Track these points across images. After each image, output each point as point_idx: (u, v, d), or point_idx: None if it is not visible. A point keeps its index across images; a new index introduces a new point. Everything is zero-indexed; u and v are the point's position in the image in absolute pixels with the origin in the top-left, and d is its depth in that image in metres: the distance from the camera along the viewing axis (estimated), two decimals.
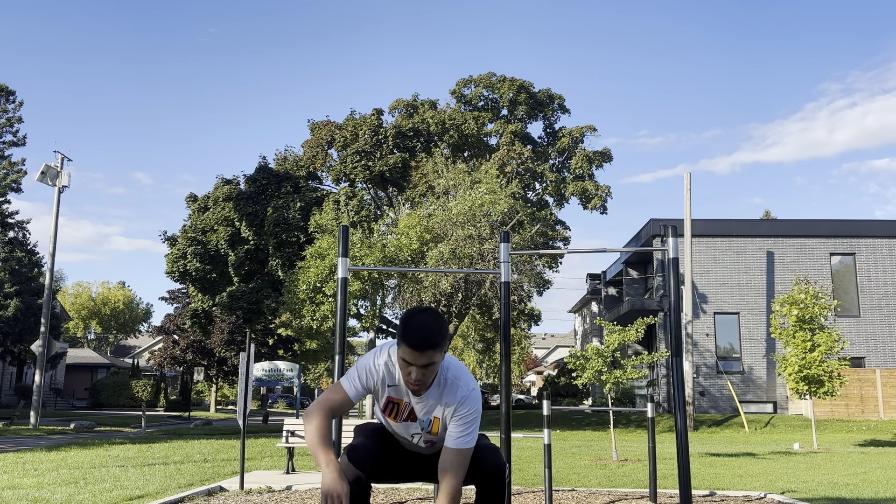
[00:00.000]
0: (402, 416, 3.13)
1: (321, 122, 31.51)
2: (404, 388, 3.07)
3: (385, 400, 3.12)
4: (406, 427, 3.17)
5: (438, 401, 3.07)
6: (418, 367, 2.89)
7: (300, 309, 23.22)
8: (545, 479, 6.41)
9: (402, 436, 3.24)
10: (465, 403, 3.03)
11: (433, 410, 3.08)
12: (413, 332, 2.85)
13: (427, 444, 3.22)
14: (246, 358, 8.41)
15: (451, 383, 3.06)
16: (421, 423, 3.12)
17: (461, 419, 3.02)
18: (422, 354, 2.85)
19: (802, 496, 7.58)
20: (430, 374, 2.94)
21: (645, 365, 18.06)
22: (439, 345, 2.87)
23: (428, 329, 2.85)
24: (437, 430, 3.11)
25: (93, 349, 68.87)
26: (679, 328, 4.99)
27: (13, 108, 35.80)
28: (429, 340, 2.84)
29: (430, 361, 2.89)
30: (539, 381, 63.65)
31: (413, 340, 2.84)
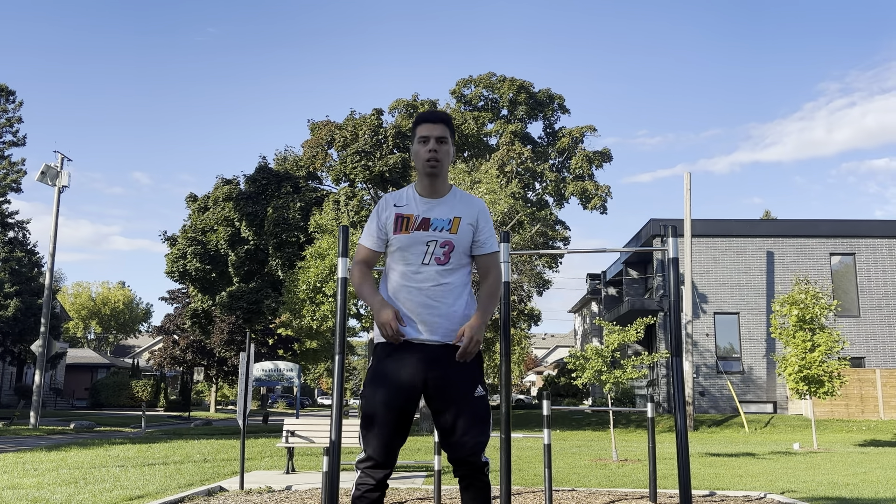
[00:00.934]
0: (413, 226, 3.17)
1: (321, 122, 31.52)
2: (414, 202, 3.21)
3: (394, 217, 3.21)
4: (417, 237, 3.14)
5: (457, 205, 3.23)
6: (435, 140, 3.13)
7: (300, 309, 23.23)
8: (545, 479, 6.41)
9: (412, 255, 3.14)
10: (485, 210, 3.29)
11: (453, 211, 3.21)
12: (427, 112, 3.22)
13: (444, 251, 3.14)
14: (246, 358, 8.41)
15: (467, 195, 3.31)
16: (437, 223, 3.18)
17: (486, 222, 3.25)
18: (436, 125, 3.15)
19: (802, 496, 7.58)
20: (444, 155, 3.16)
21: (645, 365, 18.07)
22: (449, 120, 3.20)
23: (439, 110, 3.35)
24: (456, 229, 3.18)
25: (93, 349, 68.86)
26: (679, 328, 4.98)
27: (13, 108, 35.82)
28: (441, 114, 3.20)
29: (444, 135, 3.15)
30: (539, 381, 63.64)
31: (428, 115, 3.19)
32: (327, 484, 4.90)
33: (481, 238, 3.22)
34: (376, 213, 3.26)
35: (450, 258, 3.16)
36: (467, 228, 3.18)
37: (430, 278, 3.13)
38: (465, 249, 3.20)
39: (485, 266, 3.23)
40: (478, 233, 3.22)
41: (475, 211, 3.23)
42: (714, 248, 29.45)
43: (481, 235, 3.22)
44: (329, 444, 4.81)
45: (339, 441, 4.72)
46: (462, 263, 3.20)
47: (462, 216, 3.19)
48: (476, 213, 3.22)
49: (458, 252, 3.17)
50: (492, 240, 3.25)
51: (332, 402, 4.68)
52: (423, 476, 9.27)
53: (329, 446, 4.80)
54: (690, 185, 25.94)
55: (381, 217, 3.24)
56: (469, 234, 3.19)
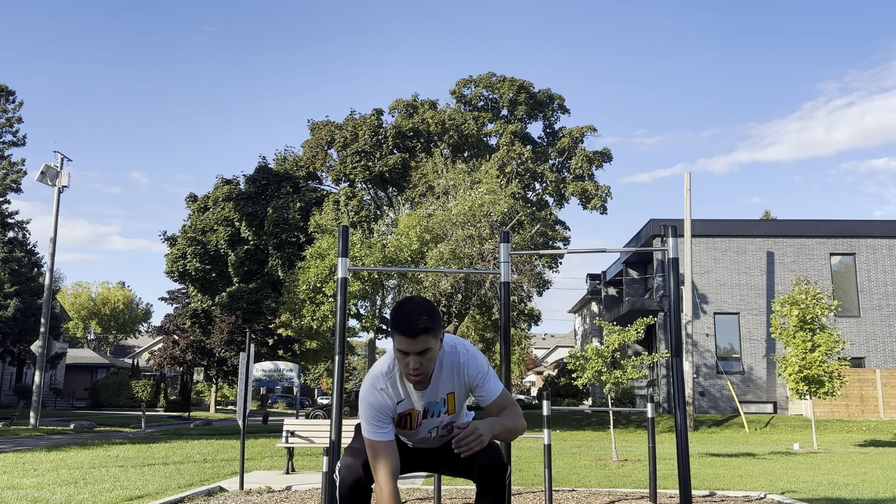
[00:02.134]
0: (418, 422, 3.11)
1: (321, 123, 31.51)
2: (410, 395, 3.05)
3: (397, 417, 3.08)
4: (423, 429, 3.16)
5: (447, 379, 3.06)
6: (415, 356, 2.86)
7: (300, 309, 23.24)
8: (545, 479, 6.40)
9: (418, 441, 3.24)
10: (470, 365, 3.05)
11: (444, 390, 3.07)
12: (403, 320, 2.83)
13: (445, 432, 3.19)
14: (246, 358, 8.40)
15: (448, 357, 3.05)
16: (433, 409, 3.08)
17: (477, 379, 3.06)
18: (415, 340, 2.83)
19: (802, 496, 7.58)
20: (428, 363, 2.91)
21: (645, 365, 18.05)
22: (432, 328, 2.84)
23: (418, 315, 2.83)
24: (453, 409, 3.10)
25: (92, 349, 68.85)
26: (679, 328, 4.98)
27: (13, 108, 35.80)
28: (419, 325, 2.81)
29: (426, 347, 2.86)
30: (539, 381, 63.65)
31: (405, 328, 2.82)
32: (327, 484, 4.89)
33: (481, 394, 3.09)
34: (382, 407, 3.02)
35: (453, 429, 3.21)
36: (461, 396, 3.14)
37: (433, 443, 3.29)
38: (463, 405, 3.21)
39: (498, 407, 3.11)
40: (476, 391, 3.10)
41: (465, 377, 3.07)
42: (714, 248, 29.45)
43: (480, 392, 3.09)
44: (329, 444, 4.81)
45: (339, 441, 4.71)
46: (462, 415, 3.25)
47: (455, 390, 3.10)
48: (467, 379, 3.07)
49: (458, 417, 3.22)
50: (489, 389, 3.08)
51: (332, 402, 4.67)
52: (423, 476, 9.27)
53: (329, 446, 4.80)
54: (690, 186, 25.94)
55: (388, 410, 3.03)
56: (465, 397, 3.17)
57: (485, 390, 3.06)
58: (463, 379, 3.06)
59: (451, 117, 30.58)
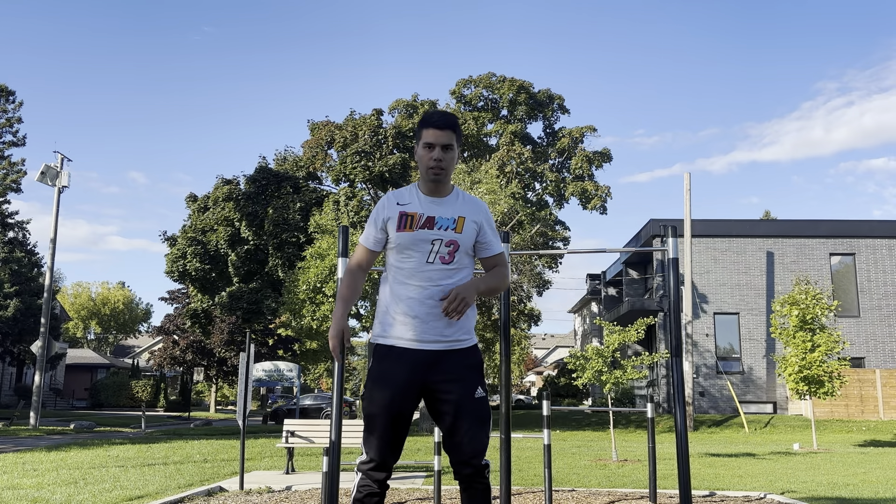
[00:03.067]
0: (418, 225, 3.14)
1: (321, 123, 31.53)
2: (419, 201, 3.18)
3: (398, 215, 3.16)
4: (422, 235, 3.11)
5: (462, 206, 3.22)
6: (440, 148, 3.09)
7: (300, 309, 23.24)
8: (545, 479, 6.41)
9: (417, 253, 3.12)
10: (487, 213, 3.29)
11: (458, 211, 3.20)
12: (434, 114, 3.14)
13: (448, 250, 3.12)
14: (246, 358, 8.41)
15: (470, 196, 3.30)
16: (441, 222, 3.15)
17: (490, 227, 3.26)
18: (443, 132, 3.08)
19: (802, 496, 7.58)
20: (449, 161, 3.12)
21: (645, 365, 18.06)
22: (457, 126, 3.14)
23: (447, 113, 3.15)
24: (461, 228, 3.17)
25: (92, 349, 68.85)
26: (679, 328, 4.98)
27: (13, 108, 35.82)
28: (449, 119, 3.12)
29: (450, 143, 3.10)
30: (539, 381, 63.65)
31: (435, 119, 3.11)
32: (327, 484, 4.90)
33: (486, 240, 3.22)
34: (378, 211, 3.22)
35: (454, 257, 3.14)
36: (471, 229, 3.17)
37: (433, 277, 3.11)
38: (468, 250, 3.18)
39: (492, 264, 3.28)
40: (482, 234, 3.21)
41: (479, 212, 3.22)
42: (714, 248, 29.45)
43: (486, 237, 3.22)
44: (329, 444, 4.81)
45: (339, 441, 4.72)
46: (465, 264, 3.19)
47: (466, 216, 3.18)
48: (480, 215, 3.22)
49: (462, 252, 3.16)
50: (496, 241, 3.27)
51: (331, 402, 4.67)
52: (423, 476, 9.27)
53: (329, 446, 4.80)
54: (690, 186, 25.95)
55: (383, 215, 3.19)
56: (473, 234, 3.18)
57: (489, 239, 3.25)
58: (478, 211, 3.24)
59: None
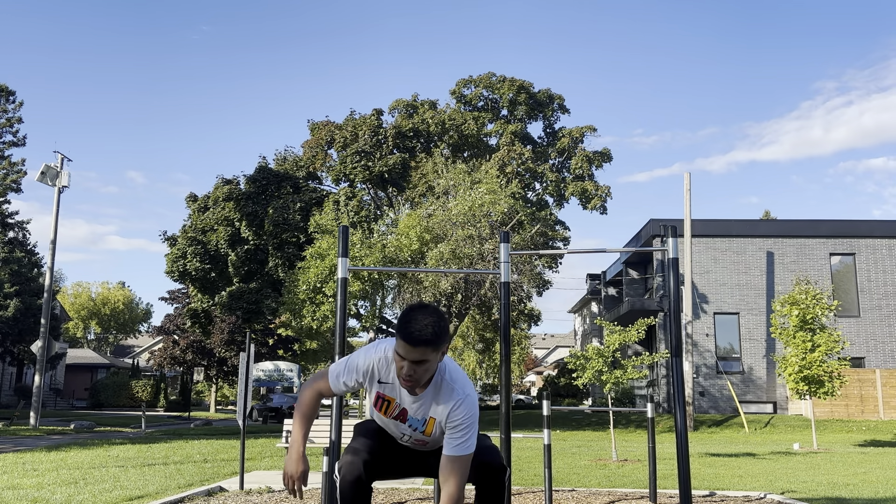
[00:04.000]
0: (392, 414, 3.10)
1: (321, 123, 31.52)
2: (398, 388, 3.04)
3: (375, 395, 3.10)
4: (395, 426, 3.16)
5: (435, 401, 3.03)
6: (410, 363, 2.85)
7: (300, 309, 23.24)
8: (545, 479, 6.41)
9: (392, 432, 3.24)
10: (461, 408, 2.99)
11: (428, 411, 3.04)
12: (409, 326, 2.81)
13: (417, 444, 3.20)
14: (246, 358, 8.41)
15: (448, 385, 3.03)
16: (412, 422, 3.08)
17: (457, 425, 2.98)
18: (414, 349, 2.81)
19: (802, 496, 7.58)
20: (422, 373, 2.89)
21: (645, 365, 18.06)
22: (434, 343, 2.82)
23: (425, 325, 2.81)
24: (430, 431, 3.07)
25: (93, 349, 68.85)
26: (679, 328, 4.99)
27: (13, 108, 35.81)
28: (423, 337, 2.79)
29: (424, 358, 2.84)
30: (539, 381, 63.66)
31: (407, 334, 2.80)
32: (327, 484, 4.89)
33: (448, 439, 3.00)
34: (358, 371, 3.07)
35: (427, 444, 3.22)
36: (439, 430, 3.09)
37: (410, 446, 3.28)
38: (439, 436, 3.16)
39: (445, 470, 2.96)
40: (445, 432, 3.03)
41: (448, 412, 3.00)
42: (714, 248, 29.46)
43: (447, 435, 3.01)
44: (329, 444, 4.81)
45: (339, 441, 4.71)
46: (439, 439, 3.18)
47: (436, 417, 3.05)
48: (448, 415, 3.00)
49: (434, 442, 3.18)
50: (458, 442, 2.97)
51: (331, 402, 4.67)
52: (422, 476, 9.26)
53: (329, 446, 4.80)
54: (690, 186, 25.95)
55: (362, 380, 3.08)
56: (440, 434, 3.10)
57: (452, 438, 2.97)
58: (446, 415, 3.01)
59: (451, 117, 30.58)
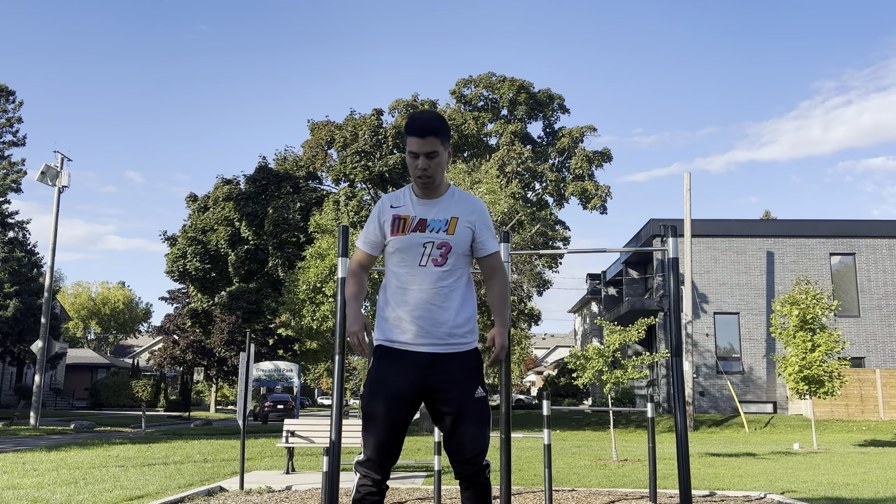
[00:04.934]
0: (410, 228, 3.14)
1: (321, 123, 31.53)
2: (412, 205, 3.16)
3: (391, 219, 3.18)
4: (414, 239, 3.11)
5: (455, 205, 3.18)
6: (424, 157, 3.01)
7: (300, 309, 23.23)
8: (545, 479, 6.41)
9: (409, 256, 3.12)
10: (484, 210, 3.23)
11: (449, 212, 3.16)
12: (416, 120, 3.02)
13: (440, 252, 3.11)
14: (246, 358, 8.40)
15: (465, 194, 3.24)
16: (433, 224, 3.13)
17: (485, 225, 3.20)
18: (424, 141, 2.99)
19: (802, 496, 7.58)
20: (436, 168, 3.05)
21: (645, 365, 18.07)
22: (440, 131, 3.01)
23: (429, 117, 3.02)
24: (453, 230, 3.14)
25: (93, 349, 68.86)
26: (679, 328, 4.99)
27: (13, 108, 35.82)
28: (430, 125, 3.00)
29: (434, 150, 3.01)
30: (539, 381, 63.66)
31: (416, 127, 3.00)
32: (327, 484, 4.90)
33: (480, 239, 3.18)
34: (374, 215, 3.23)
35: (447, 259, 3.12)
36: (465, 229, 3.14)
37: (427, 280, 3.11)
38: (463, 250, 3.16)
39: (489, 268, 3.22)
40: (477, 234, 3.17)
41: (473, 211, 3.17)
42: (714, 248, 29.46)
43: (480, 236, 3.17)
44: (329, 444, 4.81)
45: (339, 441, 4.72)
46: (460, 265, 3.16)
47: (459, 216, 3.14)
48: (474, 213, 3.17)
49: (456, 253, 3.13)
50: (491, 240, 3.21)
51: (331, 402, 4.67)
52: (423, 476, 9.27)
53: (329, 446, 4.80)
54: (690, 186, 25.95)
55: (380, 219, 3.21)
56: (467, 234, 3.15)
57: (485, 238, 3.20)
58: (471, 210, 3.18)
59: (451, 117, 30.59)
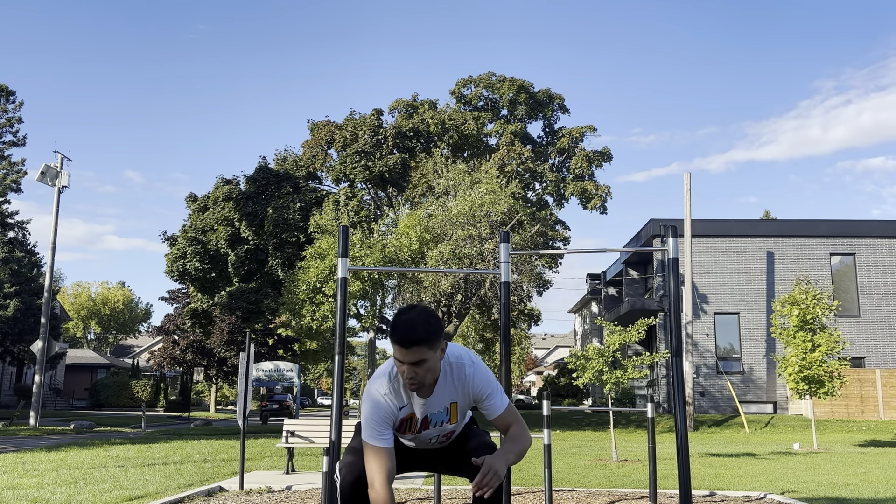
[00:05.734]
0: (416, 429, 3.13)
1: (321, 123, 31.51)
2: (413, 403, 3.07)
3: (399, 422, 3.10)
4: (422, 437, 3.20)
5: (452, 389, 3.06)
6: (410, 366, 2.86)
7: (300, 309, 23.23)
8: (545, 479, 6.40)
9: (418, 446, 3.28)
10: (477, 378, 3.05)
11: (448, 398, 3.07)
12: (399, 330, 2.82)
13: (446, 436, 3.23)
14: (246, 358, 8.40)
15: (456, 366, 3.05)
16: (435, 418, 3.09)
17: (486, 393, 3.06)
18: (409, 351, 2.81)
19: (802, 496, 7.58)
20: (424, 373, 2.89)
21: (645, 365, 18.06)
22: (426, 340, 2.81)
23: (414, 325, 2.81)
24: (455, 417, 3.11)
25: (92, 349, 68.84)
26: (679, 328, 4.98)
27: (13, 108, 35.80)
28: (414, 336, 2.80)
29: (421, 358, 2.84)
30: (539, 381, 63.66)
31: (399, 337, 2.81)
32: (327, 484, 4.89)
33: (486, 405, 3.08)
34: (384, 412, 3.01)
35: (452, 437, 3.27)
36: (465, 407, 3.18)
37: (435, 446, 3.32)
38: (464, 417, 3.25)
39: (503, 424, 3.10)
40: (480, 404, 3.10)
41: (472, 391, 3.07)
42: (714, 248, 29.45)
43: (485, 403, 3.08)
44: (329, 444, 4.81)
45: (339, 441, 4.71)
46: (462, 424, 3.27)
47: (458, 399, 3.10)
48: (473, 392, 3.07)
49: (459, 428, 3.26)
50: (496, 403, 3.07)
51: (331, 402, 4.67)
52: (423, 476, 9.27)
53: (329, 446, 4.80)
54: (690, 186, 25.94)
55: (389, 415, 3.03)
56: (467, 407, 3.19)
57: (491, 404, 3.07)
58: (468, 391, 3.07)
59: (451, 117, 30.58)
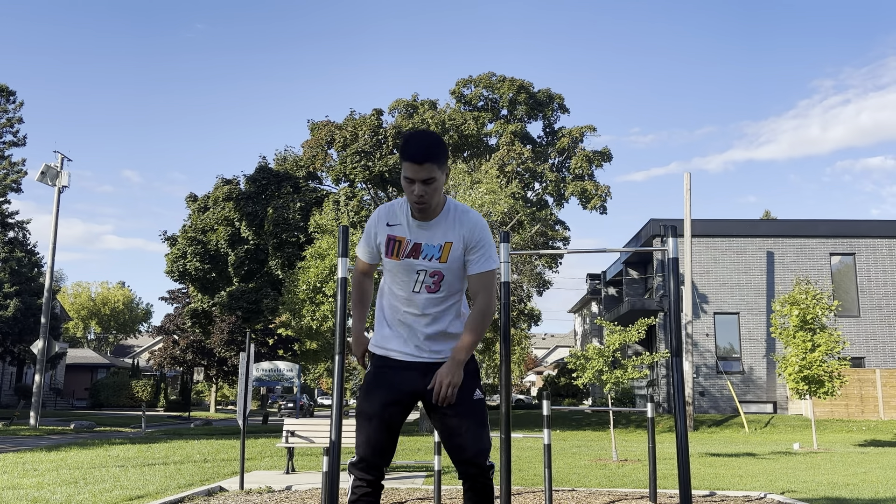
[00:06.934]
0: (404, 253, 3.09)
1: (321, 123, 31.52)
2: (407, 226, 3.08)
3: (386, 239, 3.12)
4: (407, 265, 3.09)
5: (450, 227, 3.07)
6: (420, 183, 2.91)
7: (300, 309, 23.22)
8: (545, 479, 6.41)
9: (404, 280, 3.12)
10: (479, 225, 3.08)
11: (444, 236, 3.07)
12: (412, 145, 2.89)
13: (433, 280, 3.09)
14: (246, 358, 8.40)
15: (461, 210, 3.11)
16: (427, 251, 3.06)
17: (479, 241, 3.06)
18: (421, 167, 2.87)
19: (802, 496, 7.58)
20: (432, 192, 2.94)
21: (645, 365, 18.07)
22: (438, 157, 2.90)
23: (427, 142, 2.90)
24: (446, 257, 3.06)
25: (93, 349, 68.85)
26: (679, 328, 4.98)
27: (13, 109, 35.81)
28: (428, 151, 2.88)
29: (431, 176, 2.90)
30: (539, 381, 63.66)
31: (413, 153, 2.87)
32: (327, 484, 4.89)
33: (472, 257, 3.07)
34: (370, 228, 3.19)
35: (440, 287, 3.11)
36: (458, 254, 3.08)
37: (420, 305, 3.12)
38: (456, 275, 3.12)
39: (473, 288, 3.10)
40: (469, 252, 3.07)
41: (468, 230, 3.06)
42: (714, 248, 29.46)
43: (472, 254, 3.07)
44: (329, 444, 4.81)
45: (339, 441, 4.71)
46: (454, 290, 3.15)
47: (454, 240, 3.06)
48: (468, 232, 3.06)
49: (449, 280, 3.11)
50: (483, 258, 3.07)
51: (331, 402, 4.67)
52: (423, 476, 9.27)
53: (329, 446, 4.80)
54: (690, 186, 25.94)
55: (373, 234, 3.18)
56: (460, 259, 3.09)
57: (478, 256, 3.07)
58: (466, 230, 3.06)
59: (451, 117, 30.59)
